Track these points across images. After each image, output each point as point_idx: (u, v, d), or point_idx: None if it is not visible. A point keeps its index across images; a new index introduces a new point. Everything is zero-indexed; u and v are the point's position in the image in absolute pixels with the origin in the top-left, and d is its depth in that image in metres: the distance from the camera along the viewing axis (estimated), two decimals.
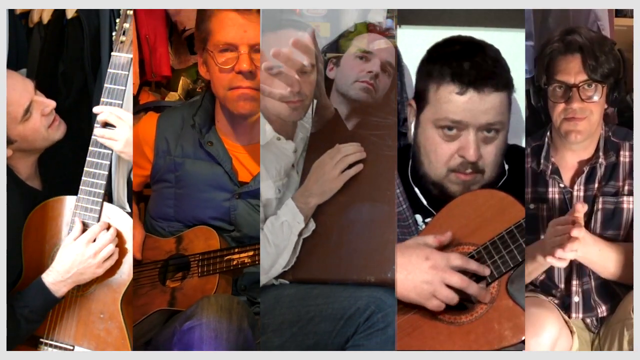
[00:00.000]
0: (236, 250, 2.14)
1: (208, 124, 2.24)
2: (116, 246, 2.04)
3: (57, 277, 2.01)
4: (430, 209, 2.07)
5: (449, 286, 1.89)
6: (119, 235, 2.06)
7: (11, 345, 1.99)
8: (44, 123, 2.11)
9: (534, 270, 2.06)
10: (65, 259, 2.01)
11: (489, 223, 1.94)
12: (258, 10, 2.07)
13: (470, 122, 1.95)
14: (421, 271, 1.90)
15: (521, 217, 1.90)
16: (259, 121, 2.14)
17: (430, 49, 2.05)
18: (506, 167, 2.07)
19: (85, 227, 2.05)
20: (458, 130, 1.96)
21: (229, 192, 2.19)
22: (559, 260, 1.91)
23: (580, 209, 1.93)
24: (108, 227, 2.05)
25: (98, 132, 2.05)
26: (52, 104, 2.12)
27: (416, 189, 2.09)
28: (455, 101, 1.95)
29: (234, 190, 2.19)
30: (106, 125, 2.05)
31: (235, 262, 2.13)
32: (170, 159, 2.23)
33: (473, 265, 1.91)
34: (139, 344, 2.13)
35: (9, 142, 2.06)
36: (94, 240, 2.02)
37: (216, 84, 2.16)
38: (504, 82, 1.97)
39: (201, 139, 2.21)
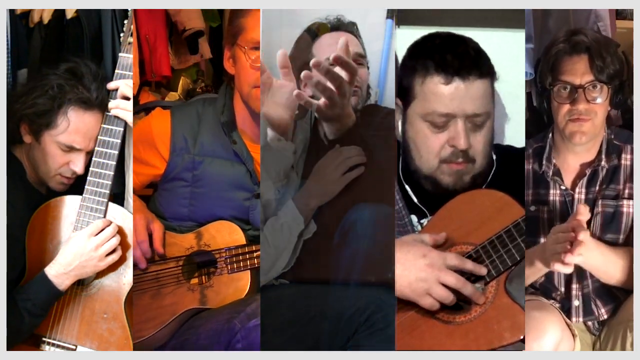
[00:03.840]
0: None
1: (233, 123, 2.21)
2: (119, 243, 2.05)
3: (59, 269, 2.02)
4: (422, 207, 2.08)
5: (444, 285, 1.90)
6: (121, 233, 2.06)
7: (14, 342, 2.00)
8: (59, 163, 2.08)
9: (531, 274, 2.06)
10: (68, 251, 2.02)
11: (487, 223, 1.95)
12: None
13: (457, 112, 1.96)
14: (417, 268, 1.90)
15: (519, 216, 1.91)
16: None
17: (411, 47, 2.07)
18: (494, 157, 2.08)
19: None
20: (446, 120, 1.98)
21: (250, 191, 2.18)
22: (566, 265, 1.90)
23: (583, 211, 1.92)
24: (109, 224, 2.06)
25: (113, 103, 2.05)
26: (78, 171, 2.08)
27: (407, 186, 2.10)
28: (441, 93, 1.96)
29: (254, 190, 2.18)
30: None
31: None
32: (189, 157, 2.20)
33: (469, 265, 1.91)
34: (165, 344, 2.12)
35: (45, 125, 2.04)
36: (96, 235, 2.03)
37: (242, 80, 2.15)
38: (486, 70, 1.99)
39: (229, 138, 2.18)
